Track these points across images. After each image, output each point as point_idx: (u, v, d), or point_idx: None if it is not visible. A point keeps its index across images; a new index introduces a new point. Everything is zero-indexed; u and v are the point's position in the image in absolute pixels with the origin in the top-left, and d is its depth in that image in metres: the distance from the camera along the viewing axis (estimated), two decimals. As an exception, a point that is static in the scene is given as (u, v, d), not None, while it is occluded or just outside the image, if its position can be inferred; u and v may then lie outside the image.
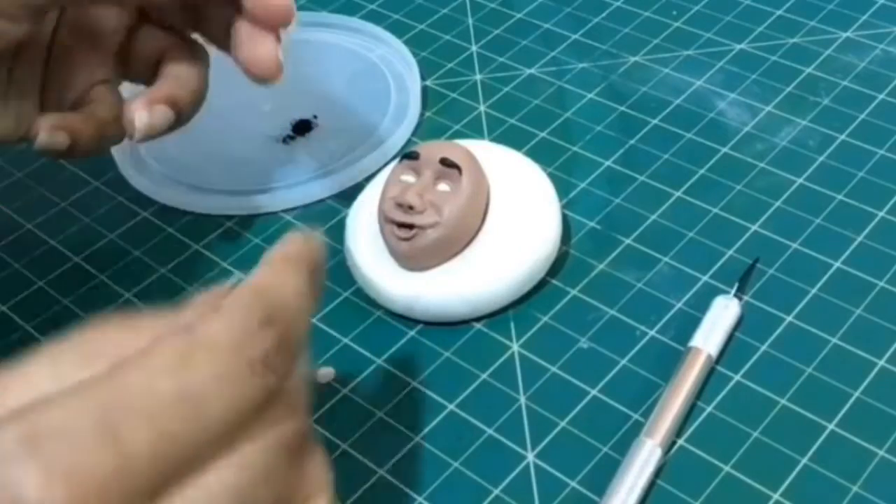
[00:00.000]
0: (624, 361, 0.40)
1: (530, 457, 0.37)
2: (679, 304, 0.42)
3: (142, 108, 0.37)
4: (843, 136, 0.48)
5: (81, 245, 0.46)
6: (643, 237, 0.44)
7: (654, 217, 0.45)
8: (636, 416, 0.38)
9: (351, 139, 0.50)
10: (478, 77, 0.53)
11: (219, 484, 0.24)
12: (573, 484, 0.36)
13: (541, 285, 0.43)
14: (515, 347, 0.41)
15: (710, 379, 0.39)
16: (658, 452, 0.36)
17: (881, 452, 0.36)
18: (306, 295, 0.26)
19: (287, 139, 0.50)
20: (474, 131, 0.50)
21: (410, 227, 0.41)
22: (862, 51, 0.52)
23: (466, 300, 0.41)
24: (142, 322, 0.26)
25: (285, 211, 0.47)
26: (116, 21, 0.39)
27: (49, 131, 0.36)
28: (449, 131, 0.50)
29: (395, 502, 0.37)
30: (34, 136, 0.37)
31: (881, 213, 0.44)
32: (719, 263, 0.43)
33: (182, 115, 0.38)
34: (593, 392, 0.39)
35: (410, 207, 0.41)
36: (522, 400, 0.39)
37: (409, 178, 0.42)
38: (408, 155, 0.42)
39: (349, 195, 0.46)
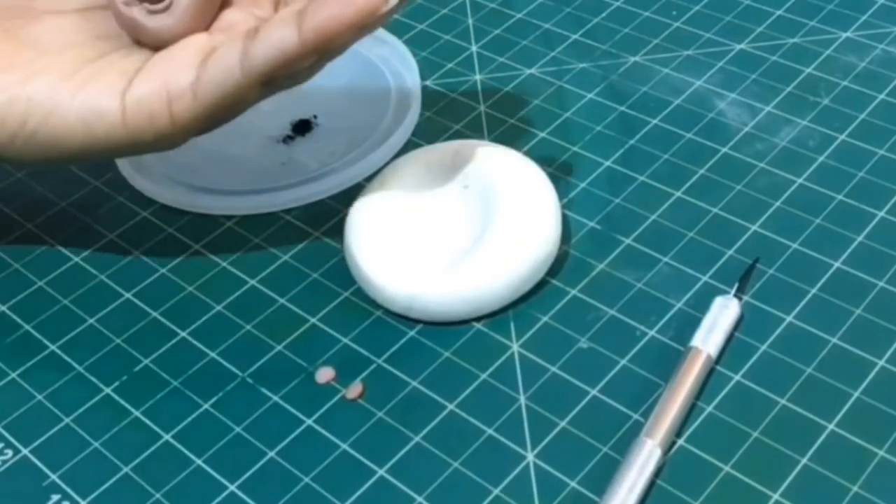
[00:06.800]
0: (624, 361, 0.40)
1: (530, 457, 0.37)
2: (679, 304, 0.42)
3: None
4: (843, 136, 0.48)
5: (81, 245, 0.46)
6: (643, 237, 0.44)
7: (654, 217, 0.45)
8: (636, 416, 0.38)
9: (351, 139, 0.50)
10: (478, 77, 0.53)
11: None
12: (573, 484, 0.36)
13: (541, 285, 0.43)
14: (515, 347, 0.41)
15: (710, 379, 0.39)
16: (658, 452, 0.36)
17: (881, 452, 0.36)
18: None
19: (287, 139, 0.50)
20: (474, 131, 0.50)
21: None
22: (862, 51, 0.52)
23: (466, 300, 0.41)
24: None
25: (285, 211, 0.47)
26: None
27: None
28: (449, 131, 0.50)
29: (395, 502, 0.37)
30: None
31: (881, 213, 0.44)
32: (719, 263, 0.43)
33: None
34: (593, 392, 0.39)
35: None
36: (522, 400, 0.39)
37: None
38: None
39: (349, 195, 0.46)
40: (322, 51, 0.37)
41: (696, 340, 0.39)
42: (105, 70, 0.39)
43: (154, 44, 0.40)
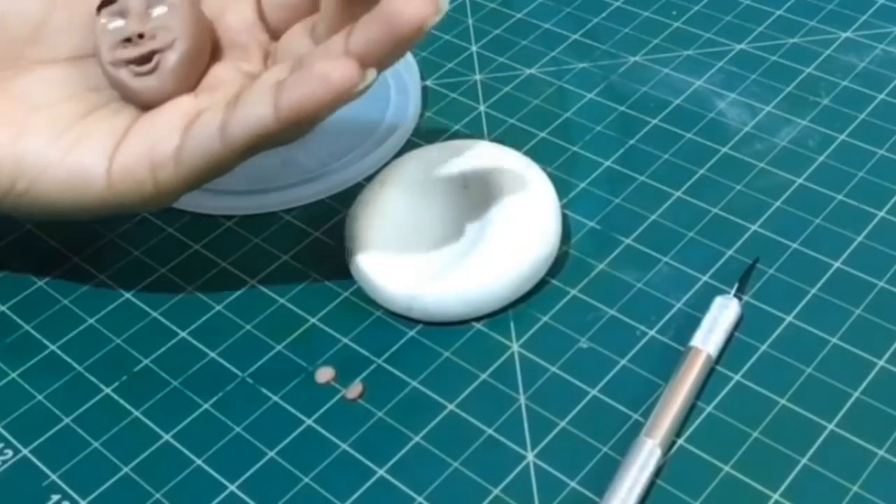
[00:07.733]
0: (624, 361, 0.40)
1: (530, 457, 0.37)
2: (679, 304, 0.42)
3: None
4: (843, 136, 0.48)
5: (81, 245, 0.46)
6: (643, 237, 0.44)
7: (654, 217, 0.45)
8: (636, 416, 0.38)
9: (351, 139, 0.50)
10: (478, 77, 0.53)
11: None
12: (573, 484, 0.36)
13: (541, 285, 0.43)
14: (515, 347, 0.41)
15: (710, 379, 0.39)
16: (658, 452, 0.36)
17: (881, 452, 0.36)
18: None
19: (287, 139, 0.50)
20: (474, 131, 0.50)
21: (150, 57, 0.39)
22: (862, 51, 0.52)
23: (466, 300, 0.41)
24: None
25: (285, 211, 0.47)
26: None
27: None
28: (449, 131, 0.50)
29: (395, 502, 0.37)
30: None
31: (881, 213, 0.44)
32: (719, 263, 0.43)
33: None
34: (593, 392, 0.39)
35: (140, 36, 0.39)
36: (522, 400, 0.39)
37: (118, 22, 0.40)
38: (104, 3, 0.40)
39: (349, 195, 0.46)
40: (299, 124, 0.37)
41: (696, 340, 0.39)
42: (94, 129, 0.39)
43: (141, 104, 0.40)
